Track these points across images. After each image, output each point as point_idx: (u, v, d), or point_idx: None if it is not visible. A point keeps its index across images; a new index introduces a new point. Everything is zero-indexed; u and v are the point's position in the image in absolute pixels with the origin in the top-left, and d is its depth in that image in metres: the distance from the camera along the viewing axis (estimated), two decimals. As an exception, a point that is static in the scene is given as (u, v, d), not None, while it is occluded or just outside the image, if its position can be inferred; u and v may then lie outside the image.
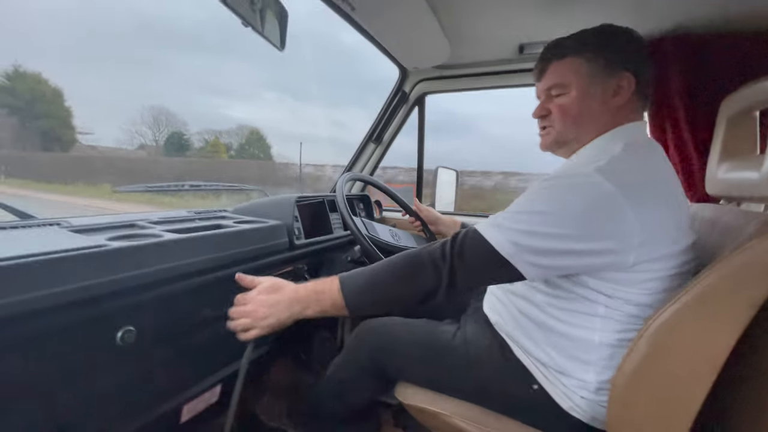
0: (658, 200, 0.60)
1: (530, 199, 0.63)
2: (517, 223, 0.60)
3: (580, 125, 0.71)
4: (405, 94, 1.52)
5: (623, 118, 0.70)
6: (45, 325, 0.53)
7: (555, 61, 0.73)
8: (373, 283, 0.67)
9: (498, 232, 0.61)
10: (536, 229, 0.59)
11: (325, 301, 0.67)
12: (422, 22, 1.05)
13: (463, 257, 0.62)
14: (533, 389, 0.72)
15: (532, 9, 0.99)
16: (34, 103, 24.88)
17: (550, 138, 0.76)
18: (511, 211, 0.63)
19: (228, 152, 34.93)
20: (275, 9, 0.83)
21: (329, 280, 0.69)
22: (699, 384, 0.57)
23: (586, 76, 0.69)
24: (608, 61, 0.68)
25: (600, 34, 0.70)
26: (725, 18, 0.93)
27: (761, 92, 0.66)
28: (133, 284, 0.63)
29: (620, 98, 0.68)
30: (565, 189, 0.60)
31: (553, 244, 0.58)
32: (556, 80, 0.73)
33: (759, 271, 0.53)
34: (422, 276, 0.64)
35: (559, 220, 0.58)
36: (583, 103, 0.70)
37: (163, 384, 0.78)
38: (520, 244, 0.59)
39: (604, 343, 0.65)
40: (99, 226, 0.77)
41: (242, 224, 0.93)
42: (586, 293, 0.64)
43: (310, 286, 0.69)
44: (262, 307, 0.68)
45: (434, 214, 1.22)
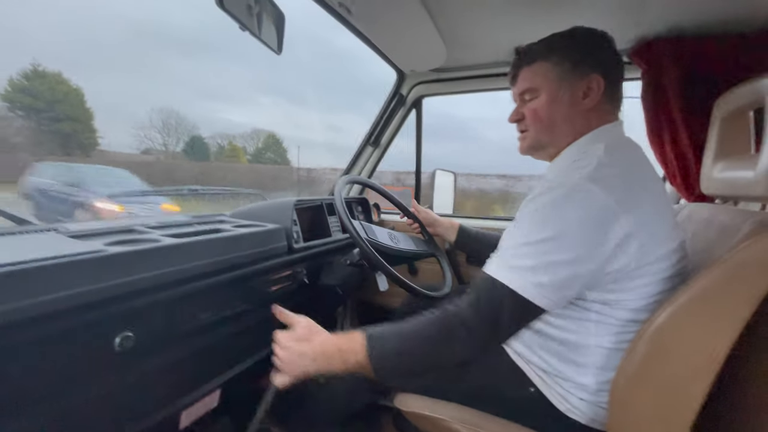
0: (648, 202, 0.61)
1: (530, 225, 0.61)
2: (528, 258, 0.59)
3: (551, 129, 0.72)
4: (402, 97, 1.53)
5: (598, 119, 0.70)
6: (42, 331, 0.53)
7: (525, 66, 0.74)
8: (402, 350, 0.63)
9: (518, 276, 0.59)
10: (548, 259, 0.58)
11: (350, 361, 0.64)
12: (419, 26, 1.06)
13: (493, 312, 0.60)
14: (530, 392, 0.72)
15: (528, 13, 1.00)
16: (55, 105, 22.81)
17: (526, 143, 0.77)
18: (517, 242, 0.61)
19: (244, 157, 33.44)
20: (272, 12, 0.83)
21: (356, 336, 0.65)
22: (699, 383, 0.57)
23: (555, 80, 0.70)
24: (575, 64, 0.69)
25: (567, 37, 0.71)
26: (718, 19, 0.94)
27: (754, 92, 0.67)
28: (131, 289, 0.62)
29: (590, 100, 0.69)
30: (560, 205, 0.59)
31: (568, 271, 0.58)
32: (527, 85, 0.74)
33: (756, 270, 0.54)
34: (455, 342, 0.61)
35: (566, 244, 0.57)
36: (553, 107, 0.71)
37: (162, 390, 0.78)
38: (541, 284, 0.58)
39: (600, 346, 0.65)
40: (96, 231, 0.76)
41: (241, 228, 0.92)
42: (577, 300, 0.64)
43: (336, 340, 0.66)
44: (291, 355, 0.67)
45: (432, 216, 1.23)
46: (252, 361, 1.05)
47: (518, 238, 0.62)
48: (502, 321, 0.60)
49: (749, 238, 0.55)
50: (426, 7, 0.97)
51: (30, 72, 22.91)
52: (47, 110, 22.26)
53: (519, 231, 0.63)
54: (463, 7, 0.98)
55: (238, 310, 0.89)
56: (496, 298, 0.60)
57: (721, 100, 0.81)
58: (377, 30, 1.11)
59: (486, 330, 0.60)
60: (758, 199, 0.69)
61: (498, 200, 11.07)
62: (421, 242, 1.20)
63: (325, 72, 47.88)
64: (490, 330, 0.60)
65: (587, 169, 0.60)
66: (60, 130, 23.21)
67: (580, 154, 0.68)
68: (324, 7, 0.96)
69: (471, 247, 1.18)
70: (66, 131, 23.21)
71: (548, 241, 0.58)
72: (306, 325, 0.70)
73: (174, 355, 0.76)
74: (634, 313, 0.62)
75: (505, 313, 0.59)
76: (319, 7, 0.98)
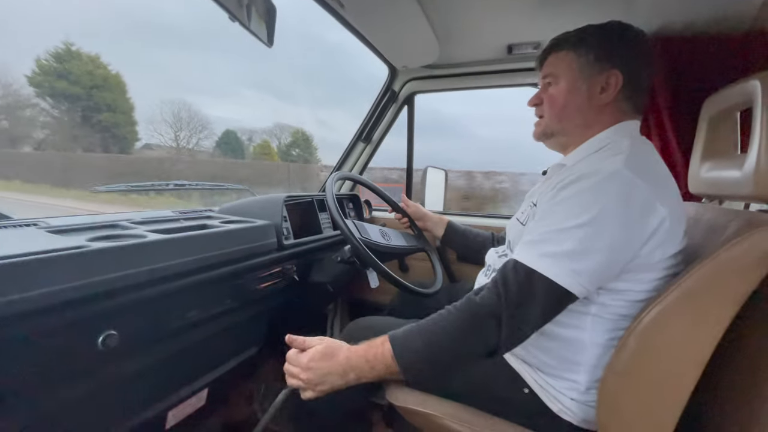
0: (674, 200, 0.62)
1: (565, 211, 0.59)
2: (564, 244, 0.57)
3: (563, 117, 0.73)
4: (394, 93, 1.52)
5: (611, 116, 0.71)
6: (21, 330, 0.51)
7: (554, 52, 0.75)
8: (429, 345, 0.62)
9: (552, 263, 0.57)
10: (586, 245, 0.56)
11: (379, 369, 0.63)
12: (412, 22, 1.05)
13: (524, 301, 0.58)
14: (523, 393, 0.72)
15: (520, 10, 1.00)
16: (93, 92, 18.25)
17: (540, 128, 0.78)
18: (551, 229, 0.59)
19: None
20: (263, 4, 0.81)
21: (380, 342, 0.64)
22: (685, 380, 0.58)
23: (576, 70, 0.71)
24: (598, 58, 0.69)
25: (598, 30, 0.71)
26: (704, 20, 0.95)
27: (741, 93, 0.68)
28: (114, 287, 0.61)
29: (606, 95, 0.69)
30: (598, 190, 0.58)
31: (606, 256, 0.57)
32: (550, 70, 0.75)
33: (742, 268, 0.55)
34: (483, 332, 0.59)
35: (605, 228, 0.56)
36: (569, 96, 0.72)
37: (147, 389, 0.76)
38: (578, 271, 0.56)
39: (594, 343, 0.65)
40: (79, 226, 0.74)
41: (229, 224, 0.91)
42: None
43: (361, 352, 0.65)
44: (318, 376, 0.64)
45: (421, 210, 1.22)
46: (241, 359, 1.03)
47: (550, 225, 0.60)
48: (534, 311, 0.58)
49: (735, 237, 0.56)
50: (419, 2, 0.96)
51: (62, 52, 17.96)
52: (85, 98, 18.15)
53: (550, 218, 0.61)
54: (455, 3, 0.98)
55: (226, 308, 0.87)
56: (527, 286, 0.58)
57: (709, 100, 0.82)
58: (369, 25, 1.10)
59: (518, 320, 0.58)
60: (744, 198, 0.70)
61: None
62: (412, 238, 1.20)
63: (315, 67, 46.54)
64: (522, 320, 0.58)
65: (620, 157, 0.60)
66: (100, 122, 18.81)
67: (603, 144, 0.68)
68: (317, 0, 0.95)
69: (458, 242, 1.19)
70: (106, 123, 18.86)
71: (586, 226, 0.56)
72: (324, 345, 0.68)
73: (160, 354, 0.74)
74: (629, 309, 0.63)
75: (539, 302, 0.58)
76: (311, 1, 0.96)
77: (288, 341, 0.70)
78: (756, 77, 0.63)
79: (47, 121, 18.29)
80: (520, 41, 1.18)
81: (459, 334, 0.61)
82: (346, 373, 0.64)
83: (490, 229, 1.19)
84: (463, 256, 1.41)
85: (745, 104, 0.66)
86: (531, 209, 0.73)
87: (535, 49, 1.20)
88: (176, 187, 1.19)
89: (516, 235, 0.76)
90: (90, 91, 18.22)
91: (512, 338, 0.59)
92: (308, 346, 0.68)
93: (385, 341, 0.64)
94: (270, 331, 1.11)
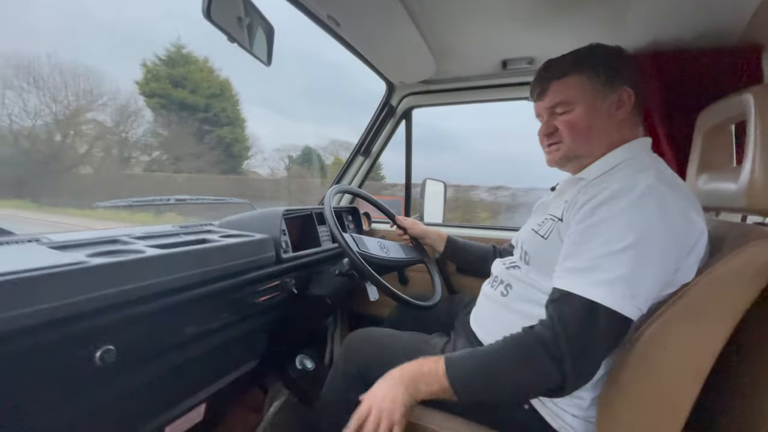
0: (701, 209, 0.63)
1: (608, 233, 0.58)
2: (616, 269, 0.56)
3: (590, 139, 0.73)
4: (392, 107, 1.54)
5: (629, 130, 0.73)
6: (19, 346, 0.51)
7: (555, 80, 0.75)
8: (481, 368, 0.61)
9: (610, 291, 0.55)
10: (637, 267, 0.55)
11: (433, 384, 0.62)
12: (407, 38, 1.08)
13: (586, 334, 0.56)
14: (524, 409, 0.71)
15: (514, 26, 1.02)
16: (212, 102, 15.16)
17: (559, 153, 0.76)
18: (598, 254, 0.58)
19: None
20: (261, 25, 0.84)
21: (434, 361, 0.64)
22: (685, 393, 0.58)
23: (590, 93, 0.71)
24: (608, 78, 0.71)
25: (594, 52, 0.73)
26: (694, 33, 0.97)
27: (735, 107, 0.69)
28: (112, 302, 0.61)
29: (623, 111, 0.71)
30: (638, 207, 0.57)
31: (656, 274, 0.56)
32: (560, 98, 0.74)
33: (740, 281, 0.55)
34: (538, 367, 0.57)
35: (652, 246, 0.56)
36: (592, 118, 0.72)
37: (145, 404, 0.76)
38: (634, 295, 0.55)
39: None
40: (79, 242, 0.75)
41: (228, 238, 0.92)
42: None
43: (415, 365, 0.65)
44: (381, 402, 0.63)
45: (420, 227, 1.22)
46: (239, 373, 1.03)
47: (596, 249, 0.58)
48: (595, 342, 0.56)
49: (732, 250, 0.56)
50: (414, 21, 0.98)
51: (173, 54, 14.79)
52: (203, 109, 15.00)
53: (594, 242, 0.59)
54: (450, 20, 1.00)
55: (225, 322, 0.87)
56: (587, 319, 0.56)
57: (703, 114, 0.83)
58: (366, 42, 1.13)
59: (576, 354, 0.56)
60: (740, 210, 0.71)
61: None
62: (411, 250, 1.20)
63: (316, 84, 45.86)
64: (582, 353, 0.56)
65: (650, 173, 0.61)
66: (221, 139, 15.50)
67: (621, 160, 0.69)
68: (313, 19, 0.98)
69: (459, 257, 1.18)
70: (227, 141, 15.74)
71: (634, 247, 0.56)
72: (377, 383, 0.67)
73: (157, 369, 0.74)
74: (638, 320, 0.62)
75: (599, 333, 0.56)
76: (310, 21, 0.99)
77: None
78: (749, 91, 0.64)
79: (162, 134, 14.84)
80: (515, 56, 1.20)
81: (511, 363, 0.60)
82: (404, 379, 0.63)
83: (491, 241, 1.20)
84: (465, 269, 1.41)
85: (739, 117, 0.67)
86: (553, 222, 0.72)
87: (529, 64, 1.22)
88: (177, 202, 1.20)
89: (535, 247, 0.75)
90: (208, 100, 15.31)
91: (580, 375, 0.57)
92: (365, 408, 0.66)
93: (440, 360, 0.64)
94: (269, 344, 1.11)
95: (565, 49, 0.77)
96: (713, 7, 0.87)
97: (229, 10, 0.73)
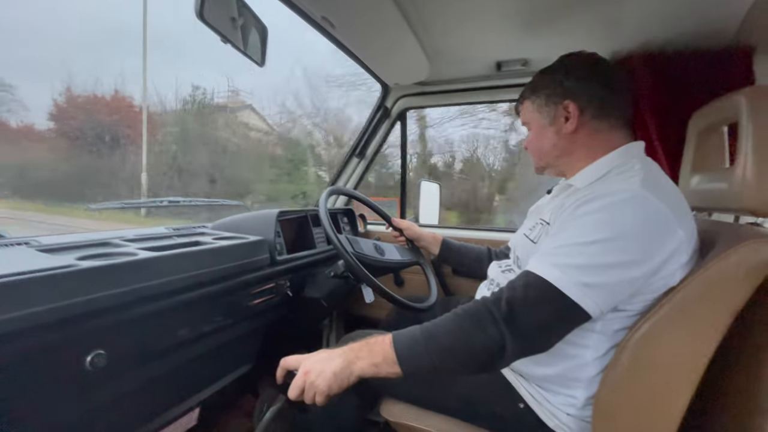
0: (690, 216, 0.62)
1: (582, 228, 0.59)
2: (577, 257, 0.57)
3: (542, 155, 0.80)
4: (387, 109, 1.54)
5: (590, 137, 0.72)
6: (7, 350, 0.50)
7: (520, 104, 0.84)
8: (427, 334, 0.61)
9: (561, 273, 0.56)
10: (601, 260, 0.56)
11: (376, 354, 0.61)
12: (402, 40, 1.08)
13: (528, 305, 0.57)
14: (519, 408, 0.71)
15: (508, 28, 1.03)
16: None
17: (534, 164, 0.84)
18: (564, 243, 0.59)
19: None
20: (255, 25, 0.83)
21: (382, 335, 0.64)
22: (680, 394, 0.58)
23: (536, 114, 0.78)
24: (547, 96, 0.76)
25: (545, 73, 0.78)
26: (686, 35, 0.98)
27: (728, 108, 0.69)
28: (103, 306, 0.60)
29: (571, 123, 0.72)
30: (618, 208, 0.58)
31: (620, 275, 0.56)
32: (523, 119, 0.84)
33: (733, 281, 0.55)
34: (479, 325, 0.58)
35: (622, 246, 0.56)
36: (539, 137, 0.78)
37: (136, 409, 0.75)
38: (588, 285, 0.55)
39: (595, 358, 0.64)
40: (70, 244, 0.74)
41: (221, 241, 0.91)
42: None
43: (363, 340, 0.64)
44: (314, 365, 0.61)
45: (415, 230, 1.22)
46: (234, 376, 1.02)
47: (564, 240, 0.60)
48: (535, 311, 0.57)
49: (724, 250, 0.56)
50: (408, 22, 0.98)
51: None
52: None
53: (565, 234, 0.61)
54: (445, 22, 1.00)
55: (219, 325, 0.86)
56: (534, 292, 0.57)
57: (696, 115, 0.84)
58: (360, 43, 1.13)
59: (513, 314, 0.56)
60: (732, 210, 0.71)
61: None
62: (407, 252, 1.20)
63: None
64: (520, 315, 0.56)
65: (636, 178, 0.61)
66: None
67: (612, 166, 0.69)
68: (307, 20, 0.97)
69: (454, 260, 1.18)
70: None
71: (602, 242, 0.56)
72: (322, 351, 0.66)
73: (149, 373, 0.73)
74: (632, 320, 0.62)
75: (545, 310, 0.57)
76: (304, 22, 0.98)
77: (282, 365, 0.66)
78: (741, 92, 0.64)
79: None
80: (509, 58, 1.21)
81: (456, 325, 0.60)
82: (345, 353, 0.62)
83: (486, 243, 1.20)
84: (462, 272, 1.41)
85: (732, 119, 0.67)
86: (542, 227, 0.73)
87: (524, 66, 1.22)
88: (170, 204, 1.19)
89: (525, 251, 0.76)
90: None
91: (517, 337, 0.56)
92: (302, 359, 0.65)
93: (387, 334, 0.63)
94: (264, 347, 1.10)
95: (559, 50, 0.78)
96: (705, 10, 0.88)
97: (221, 10, 0.73)
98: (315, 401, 0.60)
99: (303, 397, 0.61)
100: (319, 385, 0.59)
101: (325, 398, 0.59)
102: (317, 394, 0.59)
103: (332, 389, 0.59)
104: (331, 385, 0.59)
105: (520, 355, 0.59)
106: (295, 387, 0.61)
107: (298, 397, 0.61)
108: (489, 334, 0.57)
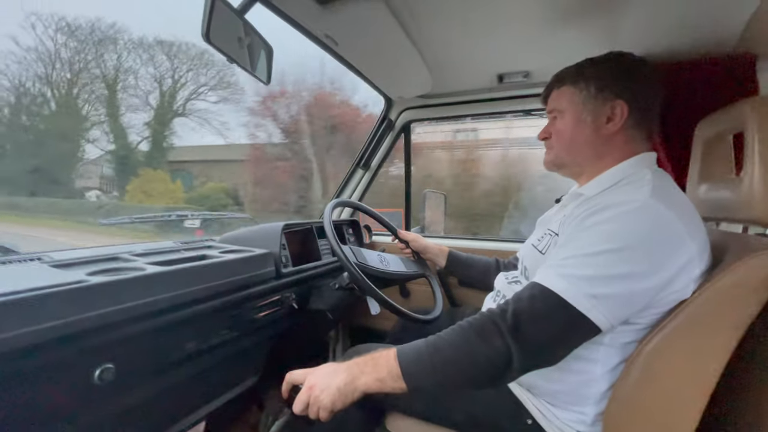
0: (702, 227, 0.61)
1: (590, 238, 0.58)
2: (585, 268, 0.55)
3: (572, 149, 0.75)
4: (391, 122, 1.56)
5: (623, 145, 0.71)
6: (19, 365, 0.51)
7: (555, 89, 0.78)
8: (432, 347, 0.60)
9: (569, 284, 0.55)
10: (609, 271, 0.55)
11: (381, 369, 0.60)
12: (404, 55, 1.10)
13: (531, 315, 0.56)
14: (527, 424, 0.70)
15: (509, 41, 1.04)
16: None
17: (549, 157, 0.80)
18: (572, 254, 0.58)
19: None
20: (261, 45, 0.86)
21: (387, 349, 0.64)
22: (691, 408, 0.57)
23: (579, 104, 0.73)
24: (600, 89, 0.71)
25: (599, 62, 0.73)
26: (691, 45, 0.98)
27: (733, 118, 0.69)
28: (112, 321, 0.61)
29: (613, 125, 0.70)
30: (623, 219, 0.57)
31: (628, 286, 0.55)
32: (554, 105, 0.78)
33: (742, 293, 0.54)
34: (485, 338, 0.56)
35: (631, 257, 0.55)
36: (576, 129, 0.73)
37: (143, 423, 0.75)
38: (596, 296, 0.54)
39: (605, 373, 0.63)
40: (80, 260, 0.76)
41: (228, 254, 0.92)
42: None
43: (368, 355, 0.64)
44: (318, 379, 0.61)
45: (421, 242, 1.22)
46: (240, 390, 1.02)
47: (572, 251, 0.59)
48: (541, 323, 0.55)
49: (734, 262, 0.55)
50: (410, 37, 1.00)
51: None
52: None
53: (572, 245, 0.60)
54: (446, 35, 1.02)
55: (225, 338, 0.87)
56: (540, 303, 0.56)
57: (702, 124, 0.83)
58: (363, 59, 1.15)
59: (518, 325, 0.55)
60: (740, 221, 0.70)
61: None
62: (412, 263, 1.20)
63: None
64: (526, 325, 0.55)
65: (646, 188, 0.60)
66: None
67: (623, 176, 0.68)
68: (311, 38, 1.00)
69: (461, 272, 1.17)
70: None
71: (611, 253, 0.55)
72: (328, 365, 0.65)
73: (156, 387, 0.74)
74: (640, 333, 0.61)
75: (552, 324, 0.55)
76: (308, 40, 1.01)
77: (287, 380, 0.66)
78: (746, 102, 0.64)
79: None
80: (511, 71, 1.22)
81: (462, 338, 0.58)
82: (350, 367, 0.61)
83: (494, 253, 1.19)
84: (469, 283, 1.39)
85: (737, 128, 0.67)
86: (550, 237, 0.72)
87: (525, 77, 1.23)
88: (179, 218, 1.21)
89: (533, 262, 0.75)
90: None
91: (522, 350, 0.55)
92: (309, 372, 0.65)
93: (391, 348, 0.63)
94: (270, 360, 1.10)
95: (560, 61, 0.78)
96: (705, 18, 0.88)
97: (228, 32, 0.75)
98: (319, 417, 0.60)
99: (307, 411, 0.60)
100: (323, 400, 0.59)
101: (329, 414, 0.59)
102: (321, 410, 0.59)
103: (336, 405, 0.59)
104: (335, 400, 0.59)
105: (527, 368, 0.58)
106: (299, 402, 0.61)
107: (302, 411, 0.61)
108: (495, 347, 0.56)
